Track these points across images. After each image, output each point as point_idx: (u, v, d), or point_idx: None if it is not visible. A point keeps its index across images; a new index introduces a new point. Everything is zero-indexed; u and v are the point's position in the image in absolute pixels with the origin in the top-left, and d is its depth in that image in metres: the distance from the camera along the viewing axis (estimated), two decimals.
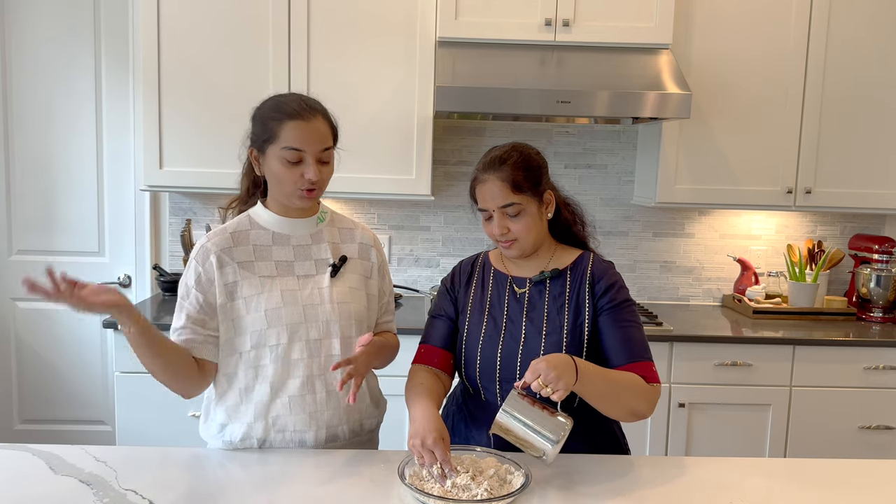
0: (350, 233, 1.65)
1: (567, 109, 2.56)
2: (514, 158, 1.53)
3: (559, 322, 1.54)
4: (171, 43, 2.73)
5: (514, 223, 1.52)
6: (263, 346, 1.49)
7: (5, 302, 3.19)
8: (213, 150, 2.77)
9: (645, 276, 3.26)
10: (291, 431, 1.52)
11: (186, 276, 1.51)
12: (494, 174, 1.52)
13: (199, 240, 1.54)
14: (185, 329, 1.49)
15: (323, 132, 1.48)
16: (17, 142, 3.10)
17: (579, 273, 1.58)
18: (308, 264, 1.56)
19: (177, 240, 3.15)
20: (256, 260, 1.52)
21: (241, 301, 1.49)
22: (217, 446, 1.55)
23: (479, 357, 1.57)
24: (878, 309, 2.99)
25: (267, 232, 1.55)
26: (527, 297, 1.58)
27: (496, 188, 1.51)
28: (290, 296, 1.51)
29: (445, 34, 2.70)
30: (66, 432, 3.22)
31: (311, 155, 1.46)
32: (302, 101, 1.48)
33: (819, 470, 1.49)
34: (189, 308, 1.49)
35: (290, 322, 1.49)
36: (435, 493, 1.27)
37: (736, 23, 2.81)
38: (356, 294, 1.58)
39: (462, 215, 3.21)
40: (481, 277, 1.65)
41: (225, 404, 1.54)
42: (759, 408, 2.70)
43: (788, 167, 2.88)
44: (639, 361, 1.50)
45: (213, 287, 1.49)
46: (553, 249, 1.63)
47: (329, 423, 1.55)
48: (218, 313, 1.49)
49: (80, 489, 1.30)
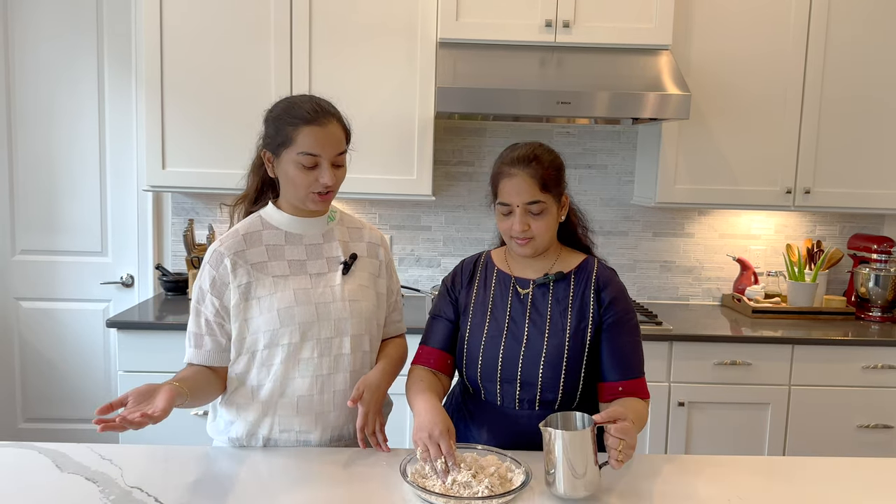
0: (358, 232, 1.66)
1: (567, 110, 2.57)
2: (544, 157, 1.53)
3: (562, 325, 1.55)
4: (174, 44, 2.75)
5: (535, 221, 1.52)
6: (276, 346, 1.50)
7: (9, 301, 3.20)
8: (215, 150, 2.78)
9: (645, 276, 3.28)
10: (297, 431, 1.54)
11: (201, 280, 1.52)
12: (524, 170, 1.50)
13: (213, 244, 1.55)
14: (205, 337, 1.51)
15: (338, 136, 1.49)
16: (20, 142, 3.11)
17: (584, 277, 1.59)
18: (320, 263, 1.57)
19: (179, 240, 3.17)
20: (270, 260, 1.53)
21: (254, 301, 1.50)
22: (223, 443, 1.57)
23: (480, 357, 1.57)
24: (877, 308, 3.01)
25: (280, 232, 1.56)
26: (530, 298, 1.59)
27: (525, 184, 1.50)
28: (304, 294, 1.52)
29: (446, 35, 2.71)
30: (69, 431, 3.23)
31: (326, 159, 1.47)
32: (316, 105, 1.49)
33: (818, 468, 1.50)
34: (207, 313, 1.51)
35: (303, 321, 1.51)
36: (437, 491, 1.29)
37: (735, 23, 2.82)
38: (367, 292, 1.60)
39: (463, 215, 3.22)
40: (484, 277, 1.65)
41: (233, 402, 1.55)
42: (758, 407, 2.71)
43: (787, 167, 2.90)
44: (633, 379, 1.53)
45: (227, 290, 1.50)
46: (558, 252, 1.63)
47: (335, 423, 1.56)
48: (231, 312, 1.51)
49: (86, 486, 1.32)
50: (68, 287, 3.19)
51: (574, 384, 1.54)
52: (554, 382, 1.53)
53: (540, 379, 1.53)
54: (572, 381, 1.54)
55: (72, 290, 3.20)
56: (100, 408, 1.22)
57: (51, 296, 3.20)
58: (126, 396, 1.28)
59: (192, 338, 1.52)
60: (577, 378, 1.54)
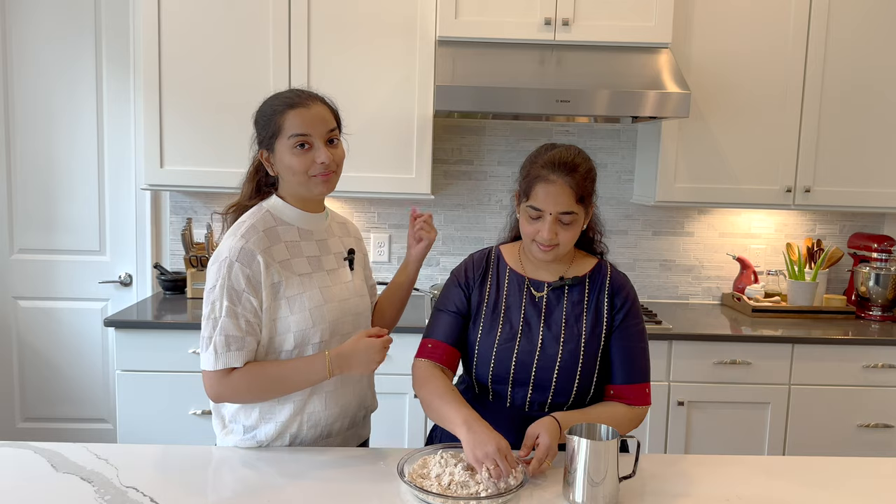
0: (345, 227, 1.69)
1: (567, 108, 2.57)
2: (584, 166, 1.49)
3: (577, 330, 1.54)
4: (172, 42, 2.74)
5: (563, 231, 1.48)
6: (306, 345, 1.49)
7: (7, 300, 3.20)
8: (213, 149, 2.78)
9: (644, 275, 3.27)
10: (323, 426, 1.55)
11: (231, 280, 1.43)
12: (564, 179, 1.45)
13: (229, 241, 1.46)
14: (247, 338, 1.44)
15: (325, 115, 1.50)
16: (18, 141, 3.11)
17: (598, 282, 1.58)
18: (331, 258, 1.58)
19: (178, 239, 3.16)
20: (292, 257, 1.51)
21: (283, 301, 1.47)
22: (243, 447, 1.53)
23: (493, 359, 1.54)
24: (877, 307, 3.00)
25: (293, 228, 1.54)
26: (545, 301, 1.57)
27: (564, 194, 1.45)
28: (328, 293, 1.53)
29: (445, 33, 2.70)
30: (68, 430, 3.23)
31: (318, 138, 1.47)
32: (298, 91, 1.51)
33: (817, 468, 1.50)
34: (247, 314, 1.44)
35: (332, 319, 1.52)
36: (434, 491, 1.28)
37: (735, 22, 2.81)
38: (365, 285, 1.67)
39: (462, 214, 3.21)
40: (496, 275, 1.62)
41: (259, 406, 1.51)
42: (757, 406, 2.71)
43: (788, 166, 2.89)
44: (635, 384, 1.53)
45: (261, 288, 1.45)
46: (572, 256, 1.61)
47: (353, 412, 1.60)
48: (264, 315, 1.46)
49: (81, 486, 1.31)
50: (66, 286, 3.19)
51: (586, 388, 1.54)
52: (567, 386, 1.52)
53: (554, 383, 1.52)
54: (585, 385, 1.54)
55: (70, 290, 3.19)
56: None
57: (49, 295, 3.19)
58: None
59: (231, 342, 1.42)
60: (590, 382, 1.54)
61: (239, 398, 1.48)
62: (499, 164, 3.19)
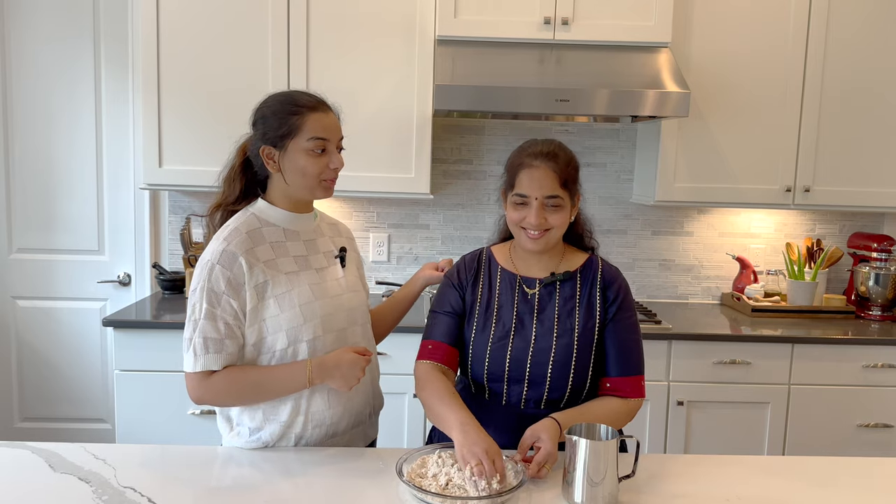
0: (336, 228, 1.70)
1: (566, 108, 2.57)
2: (565, 154, 1.54)
3: (570, 325, 1.55)
4: (171, 42, 2.74)
5: (551, 214, 1.51)
6: (300, 342, 1.49)
7: (6, 300, 3.19)
8: (212, 148, 2.77)
9: (644, 275, 3.27)
10: (327, 425, 1.54)
11: (212, 283, 1.44)
12: (546, 164, 1.50)
13: (213, 245, 1.47)
14: (226, 341, 1.44)
15: (338, 124, 1.55)
16: (17, 141, 3.10)
17: (590, 276, 1.59)
18: (320, 257, 1.58)
19: (176, 238, 3.16)
20: (277, 257, 1.51)
21: (271, 300, 1.47)
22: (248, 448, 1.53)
23: (487, 357, 1.55)
24: (877, 307, 3.00)
25: (278, 229, 1.54)
26: (537, 298, 1.58)
27: (547, 178, 1.49)
28: (318, 289, 1.53)
29: (444, 33, 2.70)
30: (66, 430, 3.22)
31: (333, 144, 1.52)
32: (313, 95, 1.54)
33: (817, 468, 1.49)
34: (226, 316, 1.44)
35: (324, 314, 1.52)
36: (432, 491, 1.28)
37: (735, 21, 2.81)
38: (360, 283, 1.68)
39: (461, 213, 3.21)
40: (488, 275, 1.63)
41: (261, 407, 1.51)
42: (757, 406, 2.71)
43: (787, 165, 2.89)
44: (630, 376, 1.54)
45: (243, 291, 1.45)
46: (563, 251, 1.63)
47: (358, 409, 1.60)
48: (248, 317, 1.46)
49: (79, 486, 1.31)
50: (65, 286, 3.18)
51: (581, 383, 1.55)
52: (562, 382, 1.53)
53: (548, 379, 1.52)
54: (580, 380, 1.54)
55: (69, 289, 3.19)
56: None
57: (48, 294, 3.19)
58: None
59: (210, 344, 1.43)
60: (585, 377, 1.55)
61: (219, 401, 1.48)
62: (498, 163, 3.18)
